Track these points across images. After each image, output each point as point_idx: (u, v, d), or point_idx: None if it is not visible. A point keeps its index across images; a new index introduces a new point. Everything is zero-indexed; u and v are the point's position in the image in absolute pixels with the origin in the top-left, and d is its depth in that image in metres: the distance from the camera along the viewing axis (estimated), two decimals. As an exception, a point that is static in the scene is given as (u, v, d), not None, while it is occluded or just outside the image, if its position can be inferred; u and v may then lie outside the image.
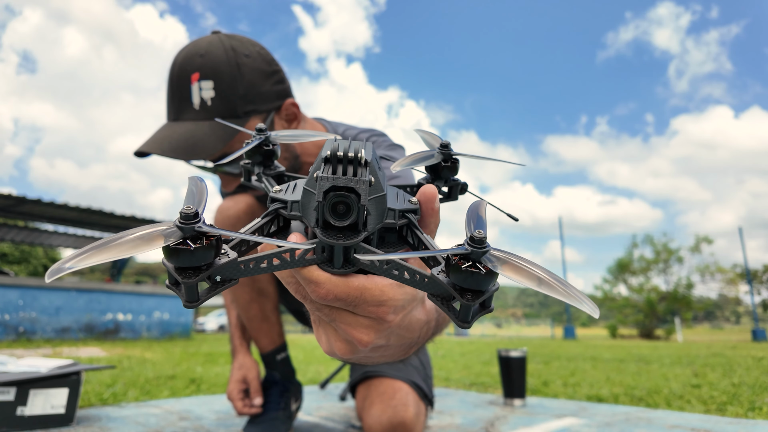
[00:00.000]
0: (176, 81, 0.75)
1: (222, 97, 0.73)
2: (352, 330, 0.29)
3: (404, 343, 0.35)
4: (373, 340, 0.30)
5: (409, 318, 0.32)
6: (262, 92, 0.76)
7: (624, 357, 4.43)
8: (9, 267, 23.81)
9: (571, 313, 15.60)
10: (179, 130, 0.73)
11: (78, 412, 1.23)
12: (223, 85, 0.73)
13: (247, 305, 1.03)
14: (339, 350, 0.31)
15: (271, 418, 1.00)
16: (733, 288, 22.33)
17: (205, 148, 0.71)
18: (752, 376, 2.57)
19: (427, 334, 0.39)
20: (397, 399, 0.85)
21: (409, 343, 0.36)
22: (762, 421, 1.32)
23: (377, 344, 0.31)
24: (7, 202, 8.14)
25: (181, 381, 2.06)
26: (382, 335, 0.30)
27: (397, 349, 0.36)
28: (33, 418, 1.05)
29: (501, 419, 1.32)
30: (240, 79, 0.74)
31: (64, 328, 6.36)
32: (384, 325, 0.29)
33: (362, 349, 0.30)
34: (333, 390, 1.89)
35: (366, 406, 0.87)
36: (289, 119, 0.82)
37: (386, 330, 0.30)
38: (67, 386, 1.11)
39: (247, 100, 0.74)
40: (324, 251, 0.27)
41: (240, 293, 1.02)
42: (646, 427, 1.22)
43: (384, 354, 0.35)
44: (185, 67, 0.74)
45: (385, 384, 0.88)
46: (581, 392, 1.91)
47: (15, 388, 1.05)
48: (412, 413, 0.84)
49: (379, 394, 0.87)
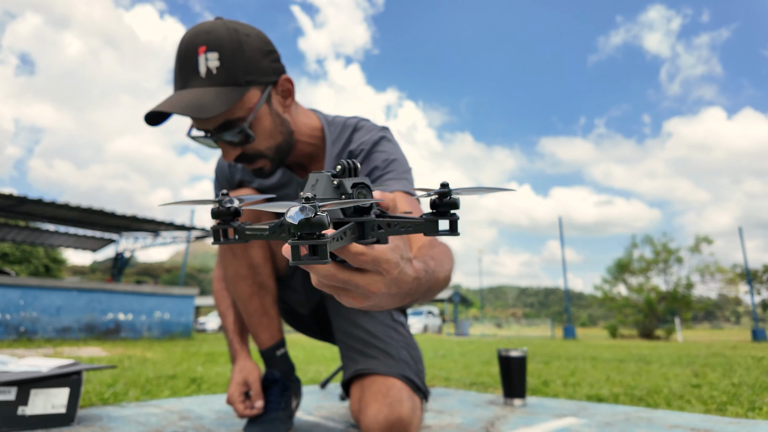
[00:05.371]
0: (184, 54, 0.81)
1: (226, 67, 0.80)
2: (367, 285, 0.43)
3: (401, 291, 0.49)
4: (381, 289, 0.45)
5: (402, 273, 0.47)
6: (261, 67, 0.84)
7: (624, 357, 4.43)
8: (10, 267, 23.82)
9: (571, 313, 15.58)
10: (187, 95, 0.79)
11: (79, 411, 1.23)
12: (226, 56, 0.80)
13: (248, 299, 1.03)
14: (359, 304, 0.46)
15: (272, 418, 1.00)
16: (733, 288, 22.32)
17: (211, 109, 0.77)
18: (752, 375, 2.57)
19: (418, 288, 0.53)
20: (391, 396, 0.87)
21: (405, 292, 0.50)
22: (762, 421, 1.32)
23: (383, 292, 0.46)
24: (8, 202, 8.15)
25: (182, 381, 2.06)
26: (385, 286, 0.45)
27: (396, 297, 0.50)
28: (34, 417, 1.05)
29: (501, 419, 1.32)
30: (241, 53, 0.81)
31: (65, 328, 6.37)
32: (387, 278, 0.44)
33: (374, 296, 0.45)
34: (333, 389, 1.89)
35: (362, 407, 0.88)
36: (285, 95, 0.89)
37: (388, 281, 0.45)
38: (68, 386, 1.11)
39: (248, 71, 0.82)
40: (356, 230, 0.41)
41: (241, 287, 1.02)
42: (646, 426, 1.22)
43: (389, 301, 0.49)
44: (192, 41, 0.81)
45: (377, 382, 0.90)
46: (581, 392, 1.91)
47: (16, 387, 1.05)
48: (407, 408, 0.85)
49: (372, 393, 0.88)
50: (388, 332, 1.00)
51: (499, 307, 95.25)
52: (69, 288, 6.57)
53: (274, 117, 0.87)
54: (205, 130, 0.84)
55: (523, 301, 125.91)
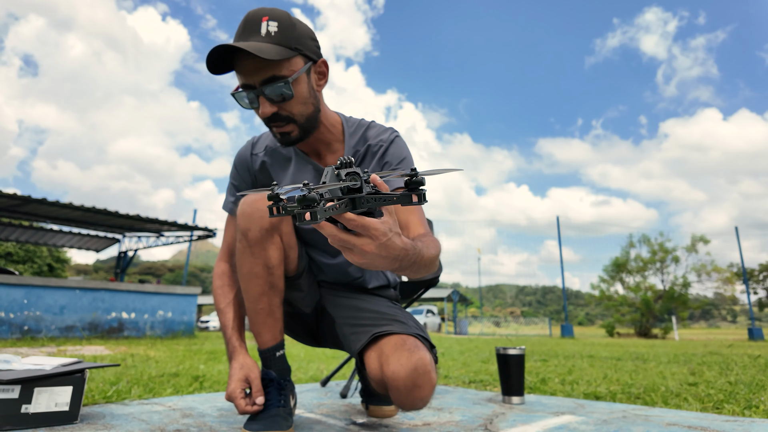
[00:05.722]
0: (249, 20, 0.96)
1: (282, 33, 0.96)
2: (363, 245, 0.63)
3: (390, 255, 0.66)
4: (373, 250, 0.64)
5: (390, 241, 0.65)
6: (307, 44, 1.00)
7: (621, 355, 4.43)
8: (14, 266, 23.90)
9: (568, 312, 15.54)
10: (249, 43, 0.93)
11: (82, 409, 1.24)
12: (283, 26, 0.97)
13: (257, 297, 1.05)
14: (357, 261, 0.65)
15: (272, 415, 1.02)
16: (730, 287, 22.20)
17: (268, 53, 0.91)
18: (749, 374, 2.58)
19: (406, 256, 0.71)
20: (409, 344, 0.95)
21: (394, 257, 0.67)
22: (759, 419, 1.32)
23: (375, 253, 0.64)
24: (11, 202, 8.18)
25: (185, 378, 2.08)
26: (376, 247, 0.64)
27: (387, 259, 0.67)
28: (37, 415, 1.07)
29: (500, 416, 1.33)
30: (293, 28, 0.98)
31: (69, 327, 6.40)
32: (376, 242, 0.63)
33: (368, 255, 0.64)
34: (334, 387, 1.90)
35: (382, 361, 0.94)
36: (320, 76, 1.05)
37: (378, 245, 0.64)
38: (71, 384, 1.12)
39: (297, 42, 0.98)
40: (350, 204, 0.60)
41: (254, 285, 1.04)
42: (644, 424, 1.23)
43: (380, 262, 0.67)
44: (257, 13, 0.97)
45: (395, 339, 0.97)
46: (579, 390, 1.93)
47: (19, 386, 1.06)
48: (426, 354, 0.93)
49: (391, 347, 0.96)
50: (393, 309, 1.10)
51: (497, 306, 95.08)
52: (72, 287, 6.60)
53: (309, 88, 1.01)
54: (250, 85, 0.96)
55: (521, 300, 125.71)
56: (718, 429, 1.17)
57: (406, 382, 0.89)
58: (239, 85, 0.98)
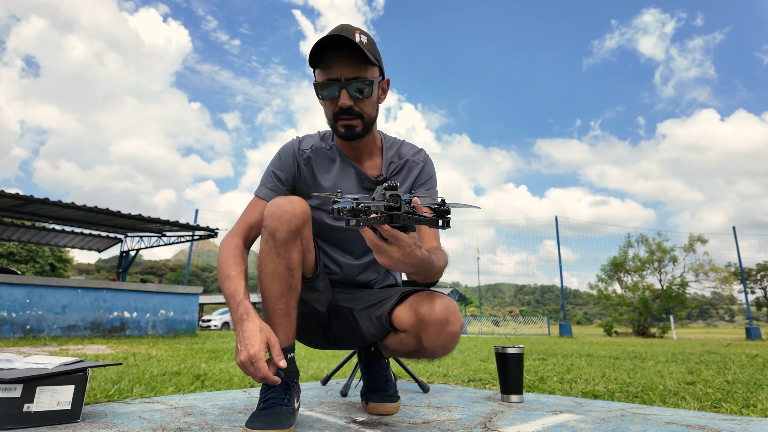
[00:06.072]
0: (344, 29, 1.11)
1: (370, 46, 1.14)
2: (391, 251, 0.84)
3: (410, 262, 0.87)
4: (399, 257, 0.84)
5: (413, 251, 0.85)
6: (381, 62, 1.20)
7: (619, 354, 4.44)
8: (16, 266, 23.96)
9: (566, 311, 15.52)
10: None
11: (84, 408, 1.26)
12: (370, 41, 1.16)
13: (277, 297, 1.06)
14: (384, 262, 0.86)
15: (275, 412, 1.02)
16: (727, 286, 22.08)
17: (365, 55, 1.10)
18: (746, 373, 2.58)
19: (422, 264, 0.91)
20: (436, 293, 1.11)
21: (413, 264, 0.88)
22: (756, 418, 1.33)
23: (399, 259, 0.85)
24: (14, 202, 8.20)
25: (186, 377, 2.09)
26: (401, 255, 0.84)
27: (407, 265, 0.88)
28: (39, 414, 1.07)
29: (499, 414, 1.34)
30: (375, 46, 1.18)
31: (71, 326, 6.43)
32: (402, 251, 0.84)
33: (394, 260, 0.85)
34: (334, 386, 1.91)
35: (416, 306, 1.10)
36: (383, 91, 1.24)
37: (403, 253, 0.84)
38: (73, 383, 1.13)
39: (377, 57, 1.16)
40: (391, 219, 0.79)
41: (275, 285, 1.05)
42: (642, 423, 1.23)
43: (402, 266, 0.88)
44: (350, 26, 1.14)
45: (423, 293, 1.14)
46: (577, 388, 1.93)
47: (22, 385, 1.06)
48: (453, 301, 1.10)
49: (421, 298, 1.11)
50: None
51: (496, 305, 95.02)
52: (74, 287, 6.62)
53: (377, 97, 1.20)
54: (337, 79, 1.11)
55: (520, 300, 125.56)
56: (716, 428, 1.18)
57: (440, 317, 1.05)
58: (324, 78, 1.13)
